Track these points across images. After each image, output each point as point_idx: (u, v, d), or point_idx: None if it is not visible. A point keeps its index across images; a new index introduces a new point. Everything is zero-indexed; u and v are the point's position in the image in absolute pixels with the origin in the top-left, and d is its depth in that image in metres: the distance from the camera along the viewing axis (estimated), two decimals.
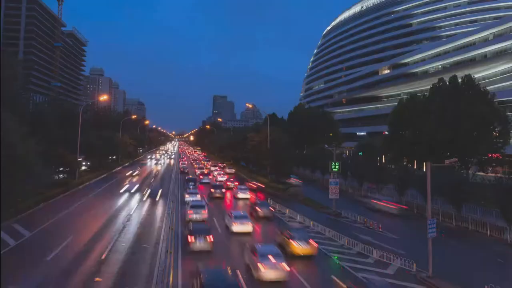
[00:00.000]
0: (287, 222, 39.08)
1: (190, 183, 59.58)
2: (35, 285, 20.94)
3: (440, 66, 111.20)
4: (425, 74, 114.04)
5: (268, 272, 21.75)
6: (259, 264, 21.96)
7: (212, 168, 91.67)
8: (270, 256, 22.27)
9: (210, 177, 75.54)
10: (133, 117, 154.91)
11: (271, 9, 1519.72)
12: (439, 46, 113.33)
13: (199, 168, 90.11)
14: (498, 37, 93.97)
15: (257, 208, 40.78)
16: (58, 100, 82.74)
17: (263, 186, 62.99)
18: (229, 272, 19.68)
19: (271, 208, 42.59)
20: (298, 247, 26.91)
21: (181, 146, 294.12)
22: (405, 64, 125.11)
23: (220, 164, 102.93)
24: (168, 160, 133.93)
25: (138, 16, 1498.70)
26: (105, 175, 75.74)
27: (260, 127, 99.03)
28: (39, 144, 39.91)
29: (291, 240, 27.35)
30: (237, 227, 32.96)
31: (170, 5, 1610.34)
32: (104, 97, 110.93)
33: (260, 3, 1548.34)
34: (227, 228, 34.29)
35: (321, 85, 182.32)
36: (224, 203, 49.80)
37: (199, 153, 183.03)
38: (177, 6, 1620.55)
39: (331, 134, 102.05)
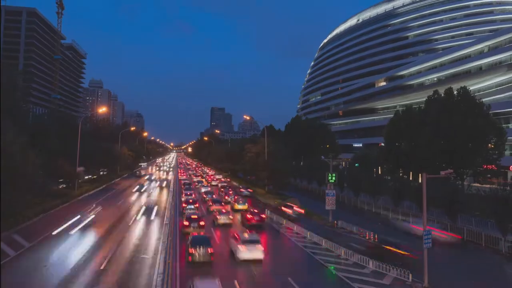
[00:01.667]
0: (285, 233, 39.45)
1: None
2: None
3: (435, 79, 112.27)
4: (421, 86, 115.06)
5: None
6: None
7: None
8: None
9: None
10: (132, 129, 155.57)
11: (268, 22, 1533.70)
12: (435, 59, 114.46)
13: None
14: (494, 50, 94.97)
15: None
16: (58, 112, 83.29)
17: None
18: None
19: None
20: None
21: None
22: (401, 77, 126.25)
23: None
24: None
25: (136, 30, 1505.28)
26: (104, 186, 76.15)
27: (258, 138, 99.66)
28: (39, 156, 40.51)
29: None
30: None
31: (168, 19, 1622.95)
32: (103, 109, 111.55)
33: (257, 17, 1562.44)
34: None
35: (318, 97, 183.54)
36: None
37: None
38: (175, 20, 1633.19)
39: (328, 146, 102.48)
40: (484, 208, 38.98)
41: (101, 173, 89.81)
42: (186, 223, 36.80)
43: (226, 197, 59.56)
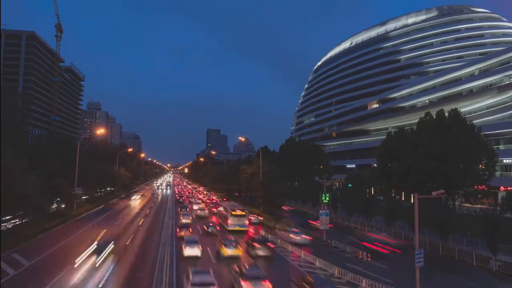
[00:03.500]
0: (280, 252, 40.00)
1: None
2: None
3: (427, 101, 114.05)
4: (413, 108, 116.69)
5: None
6: None
7: None
8: None
9: None
10: (129, 150, 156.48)
11: (264, 44, 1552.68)
12: (427, 81, 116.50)
13: None
14: (484, 73, 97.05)
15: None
16: (57, 134, 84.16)
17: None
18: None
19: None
20: None
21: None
22: (393, 99, 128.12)
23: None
24: None
25: (134, 53, 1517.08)
26: (102, 206, 76.65)
27: (253, 159, 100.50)
28: (38, 176, 41.35)
29: None
30: None
31: (164, 42, 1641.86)
32: (101, 131, 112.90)
33: (253, 38, 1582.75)
34: None
35: (312, 119, 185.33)
36: None
37: None
38: (171, 42, 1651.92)
39: (321, 167, 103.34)
40: (475, 228, 39.68)
41: (100, 193, 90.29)
42: None
43: None
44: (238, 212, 52.52)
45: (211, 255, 37.44)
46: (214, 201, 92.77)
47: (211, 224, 51.73)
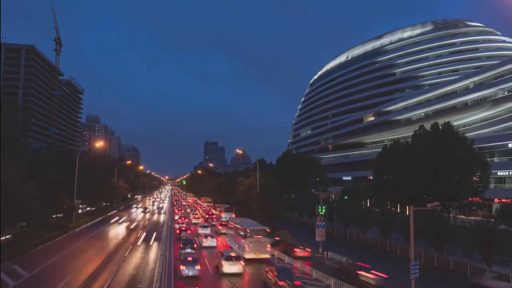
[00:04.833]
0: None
1: None
2: None
3: (422, 114, 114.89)
4: (408, 121, 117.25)
5: None
6: None
7: None
8: None
9: None
10: (128, 162, 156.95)
11: (261, 56, 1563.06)
12: (422, 95, 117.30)
13: None
14: (479, 86, 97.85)
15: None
16: (56, 146, 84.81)
17: None
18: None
19: None
20: None
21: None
22: (389, 112, 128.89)
23: None
24: None
25: (132, 66, 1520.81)
26: (101, 218, 76.93)
27: (250, 172, 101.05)
28: (38, 188, 41.92)
29: None
30: None
31: (163, 56, 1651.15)
32: (100, 143, 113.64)
33: (250, 49, 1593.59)
34: None
35: (308, 132, 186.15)
36: None
37: None
38: (168, 59, 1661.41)
39: (317, 179, 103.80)
40: (469, 240, 40.06)
41: (99, 204, 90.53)
42: None
43: None
44: None
45: None
46: None
47: None
